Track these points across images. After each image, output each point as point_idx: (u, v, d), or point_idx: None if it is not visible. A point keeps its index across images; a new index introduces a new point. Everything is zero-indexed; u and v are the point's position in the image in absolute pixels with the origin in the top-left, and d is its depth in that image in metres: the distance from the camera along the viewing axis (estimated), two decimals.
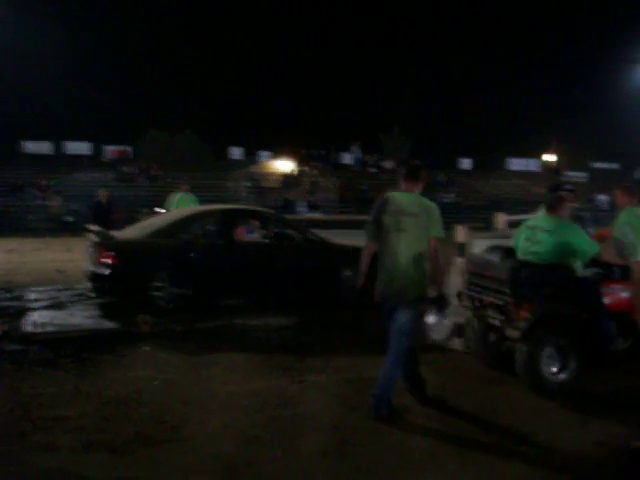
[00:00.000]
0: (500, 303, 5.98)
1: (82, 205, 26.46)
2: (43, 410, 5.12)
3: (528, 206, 25.95)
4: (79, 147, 36.03)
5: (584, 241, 5.79)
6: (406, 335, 5.11)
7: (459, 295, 6.68)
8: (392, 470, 4.23)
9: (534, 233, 5.99)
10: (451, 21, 60.09)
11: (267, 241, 9.97)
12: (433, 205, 5.20)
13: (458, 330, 7.05)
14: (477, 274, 6.46)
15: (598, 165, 43.63)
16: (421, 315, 5.25)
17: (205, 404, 5.36)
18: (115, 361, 6.61)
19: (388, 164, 38.91)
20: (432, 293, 5.25)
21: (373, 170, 38.91)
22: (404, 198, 5.18)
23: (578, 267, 5.83)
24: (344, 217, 23.46)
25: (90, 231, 9.05)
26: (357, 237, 11.23)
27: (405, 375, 5.38)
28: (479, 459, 4.42)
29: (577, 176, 40.81)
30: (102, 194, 15.38)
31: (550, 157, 44.16)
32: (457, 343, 7.12)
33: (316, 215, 24.64)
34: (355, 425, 4.93)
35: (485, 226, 15.72)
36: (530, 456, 4.50)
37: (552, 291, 5.76)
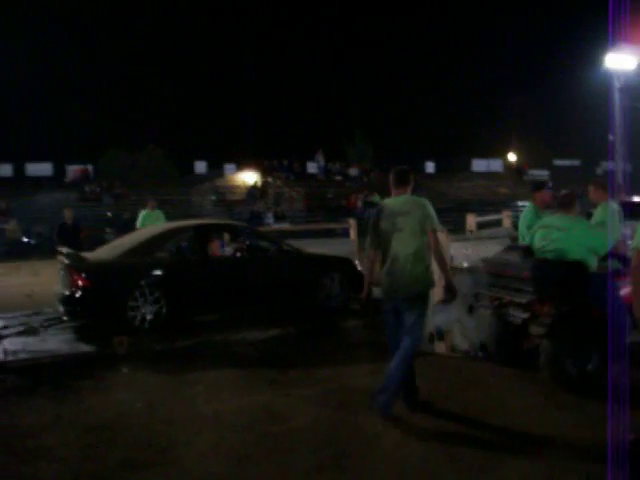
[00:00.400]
0: (522, 301, 6.08)
1: (46, 227, 26.03)
2: (24, 440, 4.95)
3: (494, 206, 26.30)
4: (40, 168, 35.55)
5: (599, 237, 5.96)
6: (415, 336, 5.24)
7: (477, 295, 6.76)
8: None
9: (549, 232, 6.09)
10: (410, 24, 60.52)
11: (242, 254, 9.88)
12: (425, 200, 5.39)
13: (440, 334, 7.07)
14: (495, 274, 6.58)
15: (559, 162, 44.32)
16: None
17: (191, 424, 5.24)
18: (94, 385, 6.43)
19: (353, 171, 39.03)
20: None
21: (338, 178, 38.95)
22: (396, 201, 5.40)
23: (593, 263, 5.90)
24: (313, 226, 23.40)
25: (60, 253, 8.85)
26: (328, 245, 11.28)
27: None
28: (474, 463, 4.37)
29: (539, 174, 41.35)
30: (67, 214, 14.87)
31: (512, 157, 44.78)
32: (440, 346, 7.10)
33: (285, 226, 24.54)
34: (347, 437, 4.86)
35: (454, 228, 15.79)
36: (525, 457, 4.46)
37: (572, 287, 5.85)
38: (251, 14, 57.37)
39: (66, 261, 8.48)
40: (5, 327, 9.03)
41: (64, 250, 8.88)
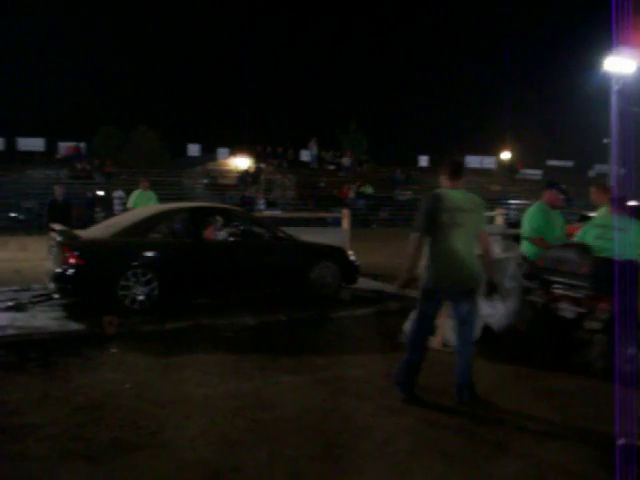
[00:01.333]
0: (577, 296, 6.26)
1: (35, 202, 25.86)
2: (11, 417, 4.90)
3: (486, 203, 26.28)
4: (32, 143, 35.22)
5: None
6: (472, 323, 5.46)
7: (528, 290, 6.93)
8: (380, 472, 4.15)
9: (605, 232, 6.35)
10: (409, 19, 60.40)
11: (236, 239, 9.83)
12: (482, 200, 5.52)
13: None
14: (549, 269, 6.69)
15: (552, 163, 44.37)
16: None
17: (181, 408, 5.20)
18: (83, 364, 6.39)
19: (346, 161, 38.89)
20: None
21: (331, 167, 38.84)
22: (456, 195, 5.39)
23: None
24: (304, 214, 23.38)
25: (53, 230, 8.76)
26: (321, 234, 11.23)
27: (407, 367, 5.48)
28: (465, 458, 4.36)
29: (532, 174, 41.42)
30: (58, 191, 14.64)
31: (506, 155, 44.76)
32: (431, 341, 7.09)
33: (276, 212, 24.47)
34: (338, 427, 4.84)
35: None
36: (516, 454, 4.45)
37: (627, 285, 5.95)
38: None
39: (59, 238, 8.38)
40: None
41: (57, 227, 8.79)
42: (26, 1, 46.29)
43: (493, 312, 7.00)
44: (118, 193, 27.23)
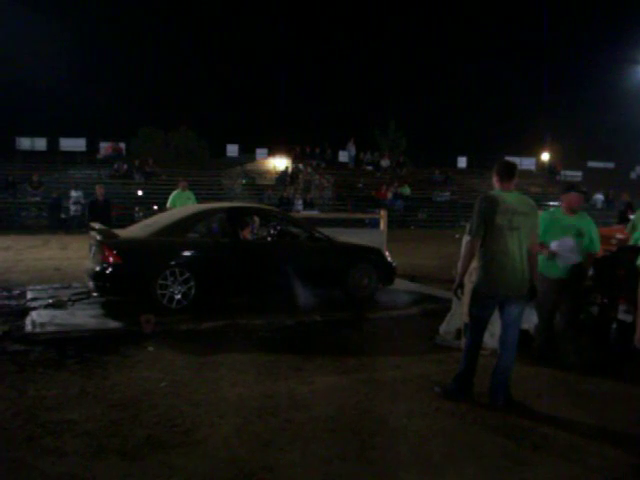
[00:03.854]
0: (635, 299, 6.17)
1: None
2: (50, 413, 4.98)
3: None
4: (73, 143, 35.82)
5: None
6: (518, 327, 5.44)
7: (587, 292, 6.89)
8: (413, 474, 4.10)
9: None
10: (449, 19, 60.01)
11: (273, 239, 9.85)
12: (535, 204, 5.48)
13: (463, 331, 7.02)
14: (606, 273, 6.69)
15: (593, 164, 43.64)
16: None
17: (215, 407, 5.22)
18: (120, 362, 6.46)
19: (384, 162, 38.77)
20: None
21: (369, 168, 38.74)
22: (511, 197, 5.31)
23: None
24: (342, 215, 23.35)
25: (93, 229, 8.88)
26: (358, 235, 11.19)
27: (464, 374, 5.52)
28: (499, 463, 4.30)
29: (572, 175, 40.78)
30: (99, 191, 14.96)
31: (545, 156, 44.19)
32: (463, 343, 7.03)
33: (313, 213, 24.49)
34: (372, 428, 4.81)
35: None
36: (551, 461, 4.37)
37: None
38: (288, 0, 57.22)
39: (98, 237, 8.49)
40: (34, 299, 9.12)
41: (96, 226, 8.91)
42: (67, 3, 47.09)
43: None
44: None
